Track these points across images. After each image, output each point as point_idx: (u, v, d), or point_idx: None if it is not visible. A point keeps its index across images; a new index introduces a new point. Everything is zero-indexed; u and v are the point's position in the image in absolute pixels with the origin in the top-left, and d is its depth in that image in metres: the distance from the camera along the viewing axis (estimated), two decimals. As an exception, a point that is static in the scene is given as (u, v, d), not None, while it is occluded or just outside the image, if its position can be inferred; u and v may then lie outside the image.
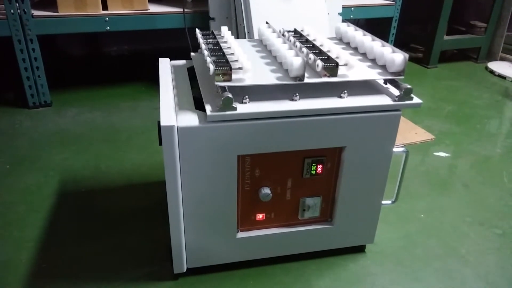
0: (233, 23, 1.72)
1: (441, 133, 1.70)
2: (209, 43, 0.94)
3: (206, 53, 0.85)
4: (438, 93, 2.13)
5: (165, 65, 1.03)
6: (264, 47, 1.03)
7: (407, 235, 1.13)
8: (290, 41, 0.99)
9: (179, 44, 2.20)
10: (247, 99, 0.80)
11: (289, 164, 0.88)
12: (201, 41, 0.95)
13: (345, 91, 0.85)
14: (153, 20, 1.82)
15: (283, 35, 1.04)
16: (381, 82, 0.93)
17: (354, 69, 0.86)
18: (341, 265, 1.01)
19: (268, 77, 0.83)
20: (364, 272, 1.00)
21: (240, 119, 0.78)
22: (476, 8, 2.72)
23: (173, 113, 0.79)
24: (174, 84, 0.94)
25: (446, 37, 2.47)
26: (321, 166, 0.89)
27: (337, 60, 0.84)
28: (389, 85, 0.91)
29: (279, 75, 0.84)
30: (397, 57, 0.86)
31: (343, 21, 1.85)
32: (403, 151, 0.95)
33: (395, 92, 0.88)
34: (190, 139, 0.78)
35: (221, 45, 0.92)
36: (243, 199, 0.90)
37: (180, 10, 1.84)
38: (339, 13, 1.78)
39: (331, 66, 0.83)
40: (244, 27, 1.59)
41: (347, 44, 1.07)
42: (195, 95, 0.88)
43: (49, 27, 1.69)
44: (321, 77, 0.84)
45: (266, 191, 0.88)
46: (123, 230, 1.10)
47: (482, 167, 1.47)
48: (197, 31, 1.01)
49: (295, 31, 1.06)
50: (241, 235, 0.93)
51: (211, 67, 0.78)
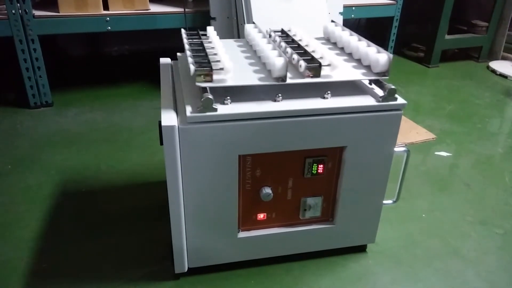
0: (234, 22, 1.72)
1: (442, 132, 1.70)
2: (193, 44, 0.93)
3: (188, 53, 0.85)
4: (439, 92, 2.13)
5: (166, 65, 1.03)
6: (250, 47, 1.03)
7: (408, 234, 1.13)
8: (275, 41, 0.99)
9: (180, 44, 2.20)
10: (229, 100, 0.80)
11: (290, 164, 0.88)
12: (185, 41, 0.94)
13: (329, 92, 0.85)
14: (154, 20, 1.82)
15: (270, 35, 1.04)
16: (366, 82, 0.93)
17: (338, 70, 0.85)
18: (342, 264, 1.01)
19: (250, 77, 0.83)
20: (365, 271, 1.00)
21: (219, 120, 0.78)
22: (477, 7, 2.72)
23: (174, 113, 0.79)
24: (175, 84, 0.94)
25: (447, 37, 2.46)
26: (322, 166, 0.89)
27: (320, 60, 0.84)
28: (374, 86, 0.91)
29: (262, 75, 0.84)
30: (382, 57, 0.85)
31: (344, 20, 1.85)
32: (404, 150, 0.95)
33: (380, 92, 0.87)
34: (191, 139, 0.78)
35: (205, 45, 0.91)
36: (244, 199, 0.90)
37: (181, 10, 1.84)
38: (340, 13, 1.78)
39: (314, 66, 0.83)
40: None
41: (334, 44, 1.07)
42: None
43: (50, 27, 1.69)
44: (304, 77, 0.84)
45: (267, 191, 0.88)
46: (124, 229, 1.10)
47: (483, 167, 1.47)
48: (182, 31, 1.01)
49: (282, 31, 1.06)
50: (242, 235, 0.93)
51: (192, 68, 0.77)
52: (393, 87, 0.83)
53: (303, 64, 0.83)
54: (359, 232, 1.00)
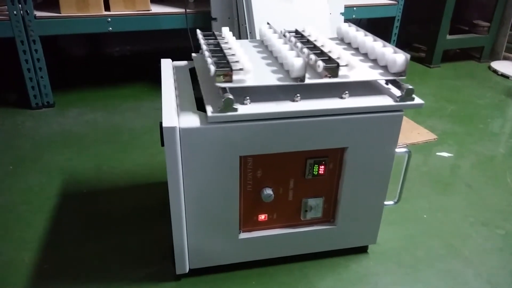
0: (235, 23, 1.72)
1: (444, 133, 1.69)
2: (210, 44, 0.94)
3: (207, 54, 0.85)
4: (440, 92, 2.13)
5: (167, 65, 1.03)
6: (265, 47, 1.03)
7: (409, 235, 1.12)
8: (291, 41, 0.99)
9: (181, 44, 2.20)
10: (248, 100, 0.80)
11: (291, 164, 0.88)
12: (202, 42, 0.95)
13: (346, 92, 0.85)
14: (155, 20, 1.82)
15: (284, 35, 1.04)
16: (383, 82, 0.93)
17: (355, 70, 0.85)
18: (344, 265, 1.01)
19: (269, 78, 0.83)
20: (366, 272, 1.00)
21: (241, 120, 0.78)
22: (479, 7, 2.71)
23: (175, 114, 0.79)
24: (176, 85, 0.94)
25: (448, 37, 2.46)
26: (323, 166, 0.89)
27: (338, 60, 0.84)
28: (390, 86, 0.91)
29: (280, 76, 0.84)
30: (399, 58, 0.85)
31: (345, 21, 1.85)
32: (406, 151, 0.94)
33: (397, 92, 0.87)
34: (192, 140, 0.78)
35: (222, 46, 0.92)
36: (245, 199, 0.89)
37: (182, 10, 1.84)
38: (341, 13, 1.78)
39: (332, 66, 0.83)
40: (246, 27, 1.59)
41: (349, 44, 1.07)
42: (197, 96, 0.88)
43: (51, 28, 1.69)
44: (322, 77, 0.84)
45: (268, 191, 0.88)
46: (125, 230, 1.10)
47: (485, 167, 1.46)
48: (198, 31, 1.01)
49: (296, 32, 1.06)
50: (243, 235, 0.93)
51: (212, 68, 0.77)
52: (411, 87, 0.83)
53: (321, 64, 0.83)
54: (360, 233, 1.00)
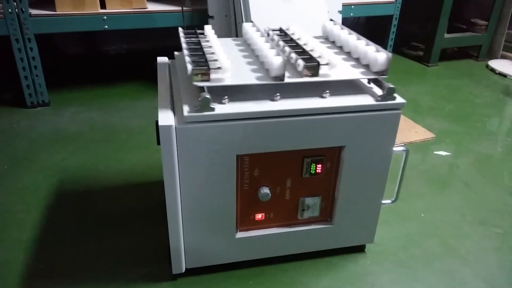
0: (232, 21, 1.71)
1: (442, 131, 1.69)
2: (191, 43, 0.93)
3: (185, 52, 0.84)
4: (438, 91, 2.13)
5: (163, 64, 1.03)
6: (248, 46, 1.02)
7: (407, 234, 1.12)
8: (273, 40, 0.98)
9: (177, 42, 2.19)
10: (226, 99, 0.79)
11: (288, 163, 0.88)
12: (182, 40, 0.94)
13: (327, 91, 0.84)
14: (151, 18, 1.82)
15: (268, 34, 1.03)
16: (365, 81, 0.92)
17: (336, 69, 0.85)
18: (341, 265, 1.01)
19: (248, 77, 0.82)
20: (364, 272, 0.99)
21: (217, 120, 0.77)
22: (476, 5, 2.72)
23: (171, 113, 0.79)
24: (172, 83, 0.93)
25: (446, 35, 2.46)
26: (320, 165, 0.89)
27: (319, 59, 0.83)
28: (372, 85, 0.90)
29: (260, 74, 0.83)
30: (380, 56, 0.85)
31: (342, 19, 1.85)
32: (403, 150, 0.94)
33: (379, 91, 0.87)
34: (188, 138, 0.77)
35: (202, 44, 0.91)
36: (242, 199, 0.89)
37: (178, 8, 1.83)
38: (339, 11, 1.78)
39: (313, 65, 0.82)
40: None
41: (333, 43, 1.06)
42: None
43: (47, 26, 1.68)
44: (302, 76, 0.83)
45: (265, 191, 0.88)
46: (121, 230, 1.10)
47: (482, 166, 1.46)
48: (180, 29, 1.00)
49: (280, 30, 1.05)
50: (240, 235, 0.92)
51: (189, 67, 0.77)
52: (392, 86, 0.83)
53: (301, 63, 0.82)
54: (357, 232, 1.00)
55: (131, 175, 1.33)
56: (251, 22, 1.09)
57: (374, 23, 2.78)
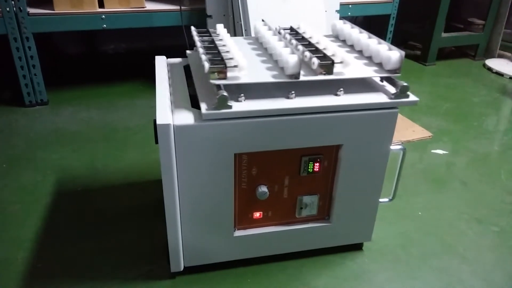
0: (230, 20, 1.71)
1: (439, 130, 1.70)
2: (204, 41, 0.93)
3: (201, 51, 0.85)
4: (435, 90, 2.13)
5: (162, 63, 1.03)
6: (260, 45, 1.03)
7: (404, 232, 1.13)
8: (286, 38, 0.99)
9: (176, 42, 2.19)
10: (243, 97, 0.80)
11: (286, 162, 0.88)
12: (196, 39, 0.94)
13: (341, 89, 0.85)
14: (150, 17, 1.82)
15: (279, 32, 1.03)
16: (378, 79, 0.93)
17: (350, 67, 0.85)
18: (339, 263, 1.01)
19: (263, 75, 0.83)
20: (361, 270, 1.00)
21: (235, 117, 0.78)
22: (474, 5, 2.72)
23: (169, 112, 0.79)
24: (170, 82, 0.94)
25: (444, 35, 2.46)
26: (318, 164, 0.89)
27: (333, 57, 0.84)
28: (385, 83, 0.91)
29: (275, 73, 0.84)
30: (393, 55, 0.85)
31: (340, 18, 1.85)
32: (401, 148, 0.94)
33: (391, 89, 0.87)
34: (186, 137, 0.78)
35: (216, 43, 0.91)
36: (240, 197, 0.89)
37: (177, 7, 1.83)
38: (336, 10, 1.78)
39: (327, 63, 0.83)
40: (241, 24, 1.59)
41: (343, 41, 1.07)
42: (191, 93, 0.87)
43: (45, 25, 1.68)
44: (317, 74, 0.83)
45: (263, 189, 0.88)
46: (120, 229, 1.10)
47: (479, 165, 1.47)
48: (193, 29, 1.00)
49: (291, 29, 1.06)
50: (238, 233, 0.93)
51: (206, 65, 0.77)
52: (406, 84, 0.83)
53: (316, 61, 0.83)
54: (355, 230, 1.00)
55: (129, 174, 1.33)
56: (262, 21, 1.09)
57: (371, 22, 2.78)
